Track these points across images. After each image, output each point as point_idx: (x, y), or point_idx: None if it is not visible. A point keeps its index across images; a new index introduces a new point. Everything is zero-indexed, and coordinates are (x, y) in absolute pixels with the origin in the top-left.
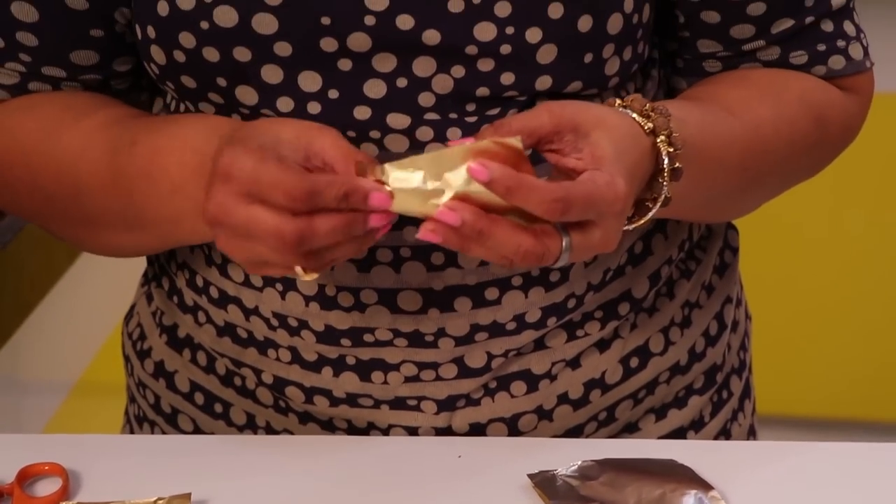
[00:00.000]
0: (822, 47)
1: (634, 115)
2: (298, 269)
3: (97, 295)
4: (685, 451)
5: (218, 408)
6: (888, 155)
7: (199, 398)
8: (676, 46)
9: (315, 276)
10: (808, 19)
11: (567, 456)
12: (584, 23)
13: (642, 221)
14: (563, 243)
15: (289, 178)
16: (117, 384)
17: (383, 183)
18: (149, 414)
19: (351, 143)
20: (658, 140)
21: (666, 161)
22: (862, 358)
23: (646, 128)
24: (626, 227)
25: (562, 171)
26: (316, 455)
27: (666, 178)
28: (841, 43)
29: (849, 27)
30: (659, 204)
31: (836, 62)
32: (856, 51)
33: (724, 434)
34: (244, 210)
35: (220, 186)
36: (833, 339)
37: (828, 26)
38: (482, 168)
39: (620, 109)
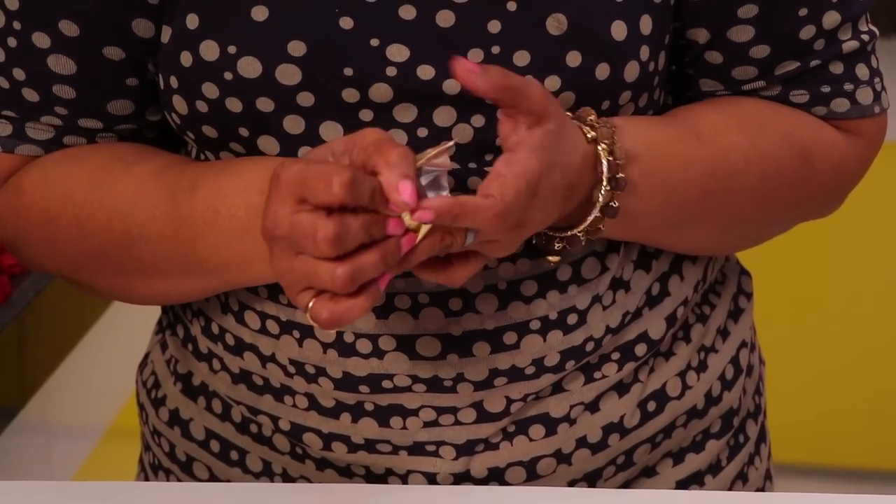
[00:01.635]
0: (826, 88)
1: (580, 125)
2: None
3: (130, 341)
4: (707, 503)
5: (234, 455)
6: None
7: (214, 446)
8: (682, 83)
9: None
10: (814, 62)
11: None
12: (602, 70)
13: (582, 227)
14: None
15: (331, 168)
16: None
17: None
18: (164, 462)
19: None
20: (599, 148)
21: (605, 168)
22: (879, 406)
23: (588, 136)
24: (572, 233)
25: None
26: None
27: (605, 186)
28: (848, 86)
29: (862, 70)
30: (596, 210)
31: (840, 105)
32: (864, 95)
33: (742, 478)
34: (290, 217)
35: (273, 197)
36: (849, 386)
37: (837, 68)
38: (427, 212)
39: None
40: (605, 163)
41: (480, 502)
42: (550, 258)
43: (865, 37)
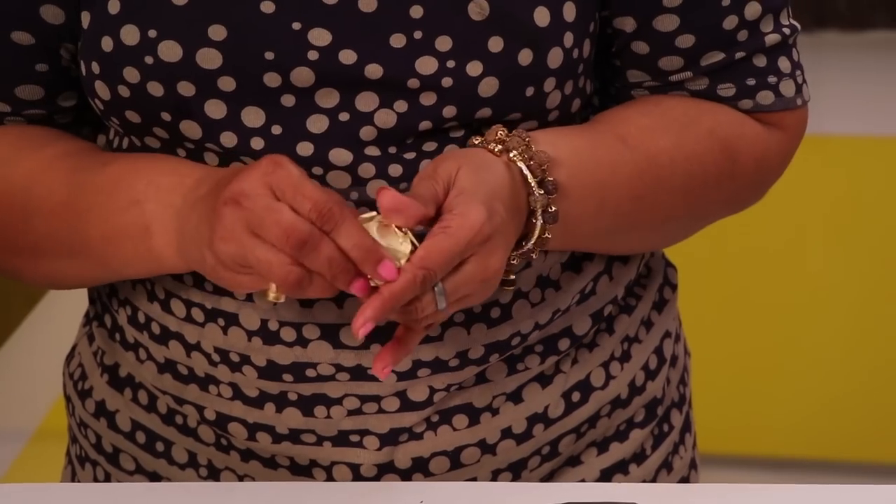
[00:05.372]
0: (751, 81)
1: (483, 147)
2: (273, 286)
3: (55, 343)
4: (650, 495)
5: (159, 446)
6: (826, 191)
7: (140, 437)
8: (609, 74)
9: (282, 298)
10: (739, 54)
11: (528, 500)
12: (525, 56)
13: (532, 240)
14: (436, 290)
15: (324, 193)
16: None
17: None
18: (90, 454)
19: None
20: (510, 156)
21: (527, 172)
22: (806, 396)
23: (496, 150)
24: (525, 248)
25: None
26: (271, 501)
27: (537, 190)
28: (772, 79)
29: (784, 63)
30: (538, 217)
31: (765, 97)
32: (787, 88)
33: (666, 467)
34: (269, 200)
35: (259, 175)
36: (774, 377)
37: (760, 61)
38: (362, 321)
39: (473, 141)
40: (522, 167)
41: (420, 498)
42: (505, 282)
43: (787, 30)
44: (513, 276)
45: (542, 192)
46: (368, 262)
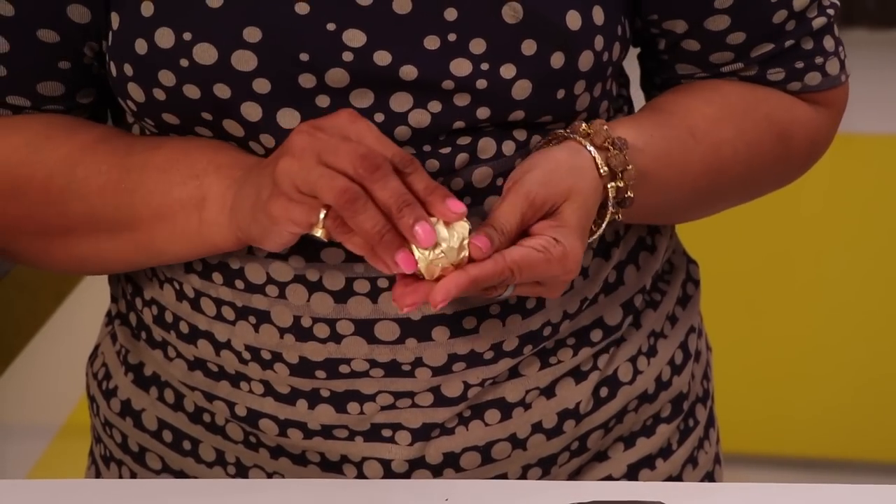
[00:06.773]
0: (800, 64)
1: (592, 151)
2: (321, 220)
3: (82, 339)
4: (675, 494)
5: (186, 445)
6: (854, 190)
7: (167, 436)
8: (654, 66)
9: (325, 236)
10: (788, 42)
11: (554, 498)
12: (557, 59)
13: (590, 239)
14: (510, 287)
15: (391, 144)
16: None
17: None
18: (116, 453)
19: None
20: (609, 186)
21: (612, 195)
22: (832, 395)
23: (601, 170)
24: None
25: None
26: (299, 498)
27: (612, 208)
28: (819, 59)
29: (828, 42)
30: (604, 226)
31: (812, 79)
32: (832, 66)
33: (692, 462)
34: (344, 136)
35: (345, 115)
36: (799, 375)
37: (808, 44)
38: (444, 294)
39: (582, 142)
40: (612, 192)
41: (445, 496)
42: None
43: (831, 11)
44: None
45: (613, 210)
46: (437, 196)
